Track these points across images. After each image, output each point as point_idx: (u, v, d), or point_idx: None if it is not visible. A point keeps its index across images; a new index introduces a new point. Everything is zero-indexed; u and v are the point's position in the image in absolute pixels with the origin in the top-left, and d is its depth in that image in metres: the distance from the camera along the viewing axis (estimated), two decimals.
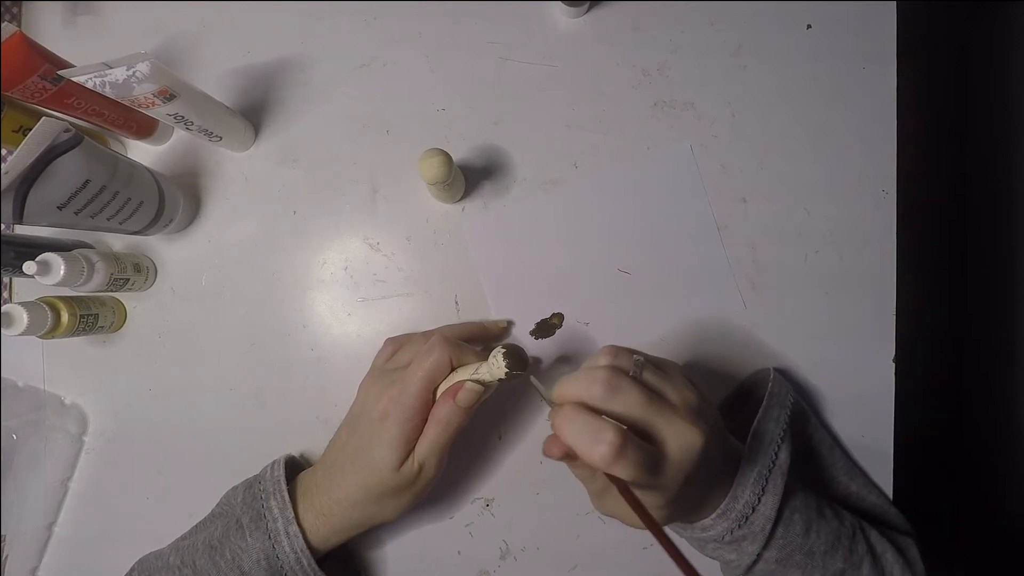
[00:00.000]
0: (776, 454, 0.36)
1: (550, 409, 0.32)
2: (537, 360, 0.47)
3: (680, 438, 0.30)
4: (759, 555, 0.34)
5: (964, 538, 0.84)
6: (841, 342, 0.46)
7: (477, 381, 0.35)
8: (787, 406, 0.40)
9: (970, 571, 0.73)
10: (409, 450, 0.36)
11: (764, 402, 0.39)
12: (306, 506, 0.38)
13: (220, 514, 0.41)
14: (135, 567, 0.42)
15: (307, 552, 0.37)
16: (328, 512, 0.38)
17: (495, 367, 0.33)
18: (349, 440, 0.39)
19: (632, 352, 0.33)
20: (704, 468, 0.31)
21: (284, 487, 0.39)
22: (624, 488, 0.29)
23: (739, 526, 0.34)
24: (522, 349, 0.34)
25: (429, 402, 0.37)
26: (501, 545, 0.47)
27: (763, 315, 0.47)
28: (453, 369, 0.37)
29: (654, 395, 0.30)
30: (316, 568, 0.37)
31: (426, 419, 0.37)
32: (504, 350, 0.33)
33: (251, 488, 0.40)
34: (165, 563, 0.40)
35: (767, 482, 0.35)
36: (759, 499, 0.34)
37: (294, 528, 0.37)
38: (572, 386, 0.31)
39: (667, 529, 0.33)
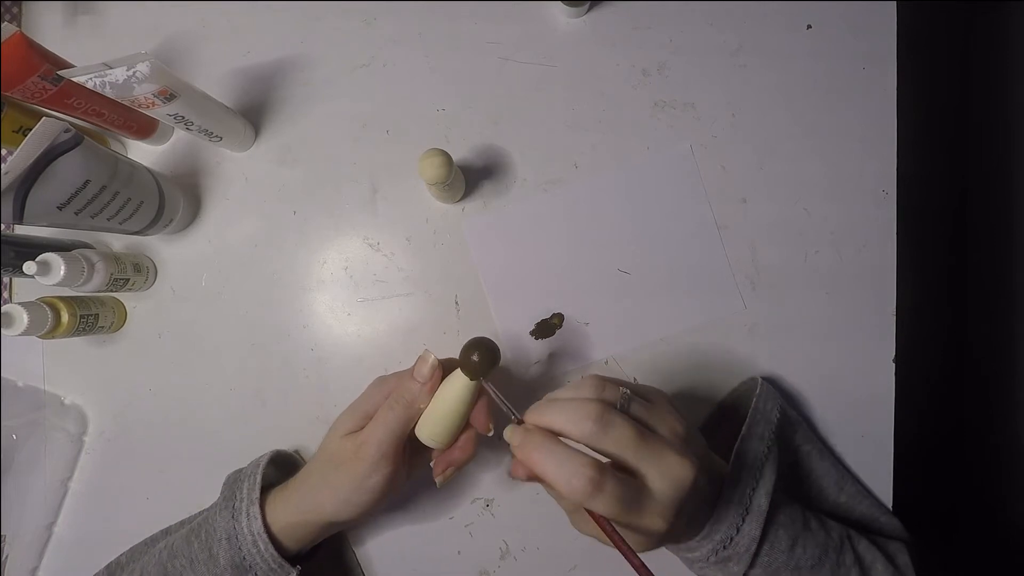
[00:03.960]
0: (760, 472, 0.36)
1: (511, 424, 0.32)
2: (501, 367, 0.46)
3: (672, 473, 0.29)
4: (745, 574, 0.34)
5: (964, 537, 0.85)
6: (841, 342, 0.46)
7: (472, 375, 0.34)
8: (772, 421, 0.40)
9: (970, 571, 0.73)
10: (364, 424, 0.36)
11: (748, 419, 0.39)
12: (277, 493, 0.39)
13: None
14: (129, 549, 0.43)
15: (264, 535, 0.36)
16: (288, 490, 0.38)
17: (463, 364, 0.33)
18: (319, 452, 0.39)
19: (619, 384, 0.32)
20: (694, 498, 0.30)
21: (260, 470, 0.39)
22: (600, 519, 0.28)
23: (723, 547, 0.33)
24: (486, 340, 0.33)
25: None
26: (501, 545, 0.47)
27: (763, 315, 0.47)
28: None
29: (645, 431, 0.30)
30: (273, 552, 0.36)
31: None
32: (468, 343, 0.33)
33: (239, 472, 0.41)
34: (151, 545, 0.41)
35: (751, 502, 0.35)
36: (743, 519, 0.34)
37: (255, 509, 0.37)
38: (556, 416, 0.30)
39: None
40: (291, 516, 0.37)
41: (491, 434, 0.37)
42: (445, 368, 0.36)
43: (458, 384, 0.34)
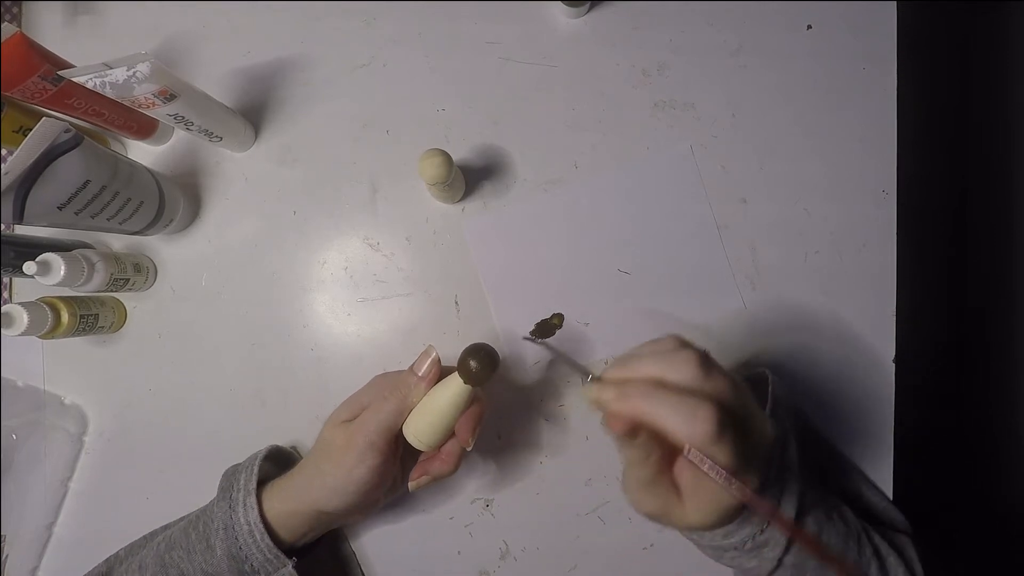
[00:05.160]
0: (785, 456, 0.36)
1: (587, 383, 0.31)
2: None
3: (762, 429, 0.29)
4: (780, 560, 0.33)
5: (964, 537, 0.84)
6: (841, 342, 0.46)
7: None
8: (790, 408, 0.40)
9: (970, 571, 0.73)
10: (358, 415, 0.37)
11: (769, 403, 0.39)
12: (275, 482, 0.39)
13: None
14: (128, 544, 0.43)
15: (260, 525, 0.36)
16: (283, 480, 0.39)
17: (462, 370, 0.34)
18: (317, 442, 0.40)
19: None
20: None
21: (257, 463, 0.40)
22: (716, 467, 0.27)
23: (761, 531, 0.33)
24: (487, 347, 0.34)
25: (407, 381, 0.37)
26: (501, 545, 0.47)
27: (763, 315, 0.47)
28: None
29: (738, 381, 0.29)
30: (269, 543, 0.36)
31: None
32: (468, 348, 0.33)
33: (236, 466, 0.41)
34: (150, 539, 0.42)
35: (784, 484, 0.34)
36: (778, 502, 0.33)
37: (252, 500, 0.37)
38: (653, 365, 0.29)
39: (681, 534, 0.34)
40: (285, 505, 0.37)
41: (470, 448, 0.37)
42: (445, 372, 0.36)
43: (452, 387, 0.34)
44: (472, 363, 0.33)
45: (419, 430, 0.36)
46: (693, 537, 0.36)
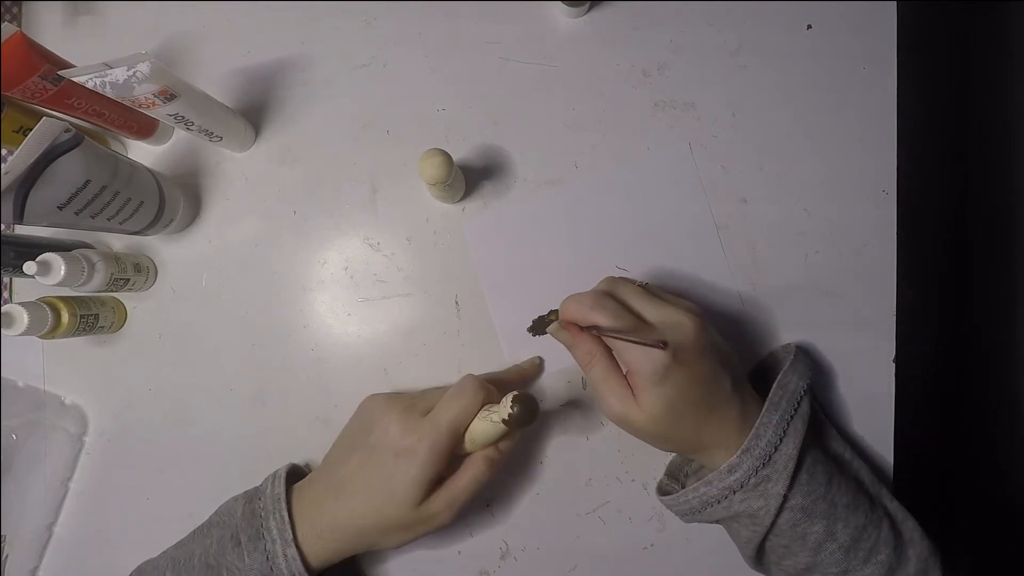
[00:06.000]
0: (798, 404, 0.38)
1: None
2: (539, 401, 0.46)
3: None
4: (785, 497, 0.35)
5: (965, 538, 0.84)
6: (841, 342, 0.46)
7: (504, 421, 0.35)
8: (810, 370, 0.41)
9: (971, 570, 0.73)
10: (431, 489, 0.37)
11: (792, 358, 0.41)
12: (306, 525, 0.38)
13: (217, 523, 0.40)
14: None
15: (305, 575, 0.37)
16: (328, 534, 0.38)
17: (503, 409, 0.34)
18: (365, 466, 0.39)
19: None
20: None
21: (284, 506, 0.38)
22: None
23: (763, 464, 0.35)
24: (533, 398, 0.35)
25: (457, 443, 0.38)
26: (501, 545, 0.47)
27: (763, 315, 0.47)
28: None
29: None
30: None
31: (450, 459, 0.38)
32: (516, 394, 0.34)
33: (251, 503, 0.40)
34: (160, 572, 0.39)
35: (788, 425, 0.37)
36: (780, 439, 0.36)
37: (292, 551, 0.36)
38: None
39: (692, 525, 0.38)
40: (328, 555, 0.38)
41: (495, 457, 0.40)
42: (494, 382, 0.40)
43: (495, 429, 0.37)
44: (515, 408, 0.34)
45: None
46: (706, 499, 0.37)
